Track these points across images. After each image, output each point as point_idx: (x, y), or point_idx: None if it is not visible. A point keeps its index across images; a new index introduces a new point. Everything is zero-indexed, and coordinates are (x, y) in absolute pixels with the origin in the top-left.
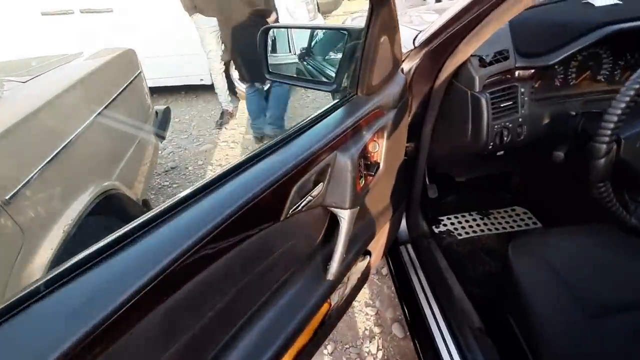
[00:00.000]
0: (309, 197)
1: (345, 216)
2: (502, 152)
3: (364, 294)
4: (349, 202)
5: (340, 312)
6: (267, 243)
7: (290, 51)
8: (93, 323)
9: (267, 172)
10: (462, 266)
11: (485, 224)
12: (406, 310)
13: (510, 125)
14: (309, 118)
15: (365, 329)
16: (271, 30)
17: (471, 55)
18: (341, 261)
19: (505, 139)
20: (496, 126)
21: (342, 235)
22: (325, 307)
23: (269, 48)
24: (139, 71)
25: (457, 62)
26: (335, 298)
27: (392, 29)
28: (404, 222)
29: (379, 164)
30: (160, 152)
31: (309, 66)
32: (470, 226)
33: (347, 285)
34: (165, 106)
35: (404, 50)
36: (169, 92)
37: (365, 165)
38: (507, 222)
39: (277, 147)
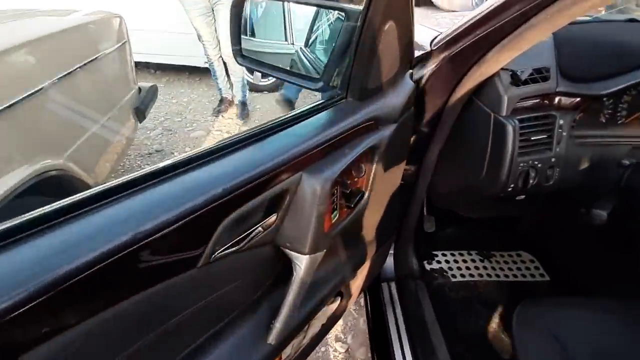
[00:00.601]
0: (257, 230)
1: (301, 263)
2: (522, 197)
3: (337, 325)
4: (309, 245)
5: None
6: (180, 294)
7: (286, 39)
8: None
9: (178, 194)
10: (451, 317)
11: (484, 267)
12: (376, 358)
13: (539, 165)
14: (275, 120)
15: None
16: (247, 3)
17: (502, 69)
18: (288, 321)
19: (530, 181)
20: (522, 164)
21: (293, 288)
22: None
23: (243, 26)
24: (124, 41)
25: (483, 75)
26: (288, 351)
27: (403, 14)
28: (390, 256)
29: (363, 193)
30: (149, 132)
31: (306, 59)
32: (468, 267)
33: (307, 333)
34: (151, 84)
35: (417, 52)
36: (174, 71)
37: (344, 194)
38: (510, 269)
39: (212, 157)
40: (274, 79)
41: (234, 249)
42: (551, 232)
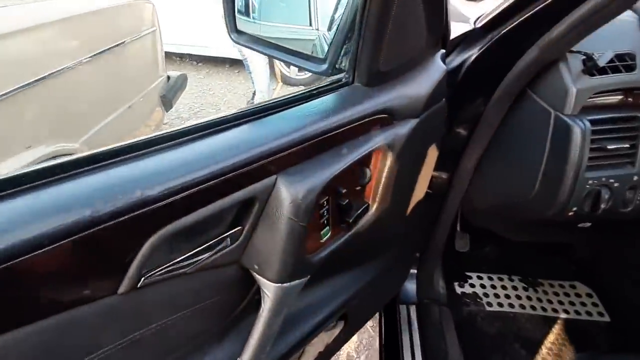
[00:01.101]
0: (218, 247)
1: (269, 292)
2: (587, 224)
3: (350, 342)
4: (278, 272)
5: None
6: (94, 326)
7: (310, 24)
8: None
9: (80, 196)
10: (479, 354)
11: (528, 298)
12: None
13: (616, 184)
14: (253, 105)
15: None
16: None
17: (570, 52)
18: (258, 358)
19: (602, 205)
20: (591, 181)
21: (260, 322)
22: None
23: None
24: (154, 28)
25: (542, 60)
26: None
27: None
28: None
29: (367, 205)
30: (182, 122)
31: (313, 36)
32: (507, 296)
33: None
34: (181, 72)
35: (455, 31)
36: (214, 63)
37: (339, 206)
38: (561, 302)
39: (148, 150)
40: (310, 73)
41: (178, 271)
42: (617, 262)
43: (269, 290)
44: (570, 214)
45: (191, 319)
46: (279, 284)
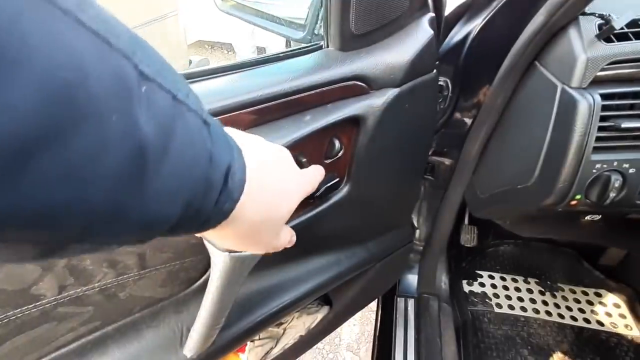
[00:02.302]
0: None
1: (217, 261)
2: (597, 217)
3: (350, 332)
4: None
5: None
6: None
7: None
8: None
9: None
10: (482, 359)
11: (544, 302)
12: None
13: (631, 169)
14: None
15: None
16: None
17: (583, 14)
18: (210, 332)
19: (611, 193)
20: (598, 164)
21: (209, 291)
22: None
23: None
24: (175, 12)
25: (549, 27)
26: (251, 356)
27: None
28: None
29: (337, 180)
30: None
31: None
32: (520, 298)
33: (278, 341)
34: (203, 57)
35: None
36: None
37: None
38: (582, 311)
39: None
40: None
41: None
42: None
43: (217, 258)
44: (573, 202)
45: (147, 281)
46: (227, 253)
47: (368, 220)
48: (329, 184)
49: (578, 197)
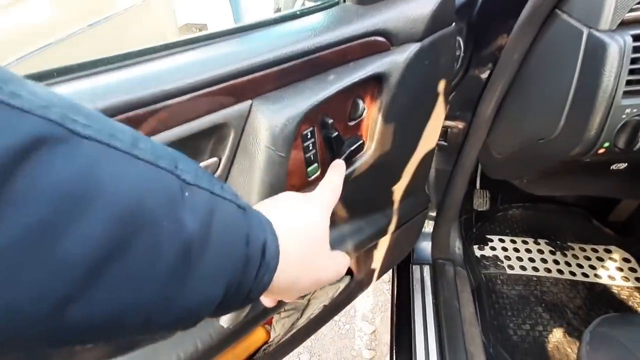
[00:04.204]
0: None
1: None
2: (622, 166)
3: (365, 303)
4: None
5: (285, 348)
6: None
7: None
8: None
9: None
10: (497, 316)
11: (556, 262)
12: (394, 355)
13: None
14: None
15: (353, 349)
16: None
17: None
18: None
19: (639, 139)
20: (628, 109)
21: None
22: (259, 338)
23: None
24: None
25: None
26: (278, 327)
27: None
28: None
29: (361, 142)
30: None
31: None
32: (532, 259)
33: (303, 313)
34: None
35: None
36: None
37: (328, 140)
38: (593, 267)
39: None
40: None
41: None
42: None
43: None
44: (601, 151)
45: None
46: None
47: (389, 185)
48: (353, 147)
49: (606, 144)
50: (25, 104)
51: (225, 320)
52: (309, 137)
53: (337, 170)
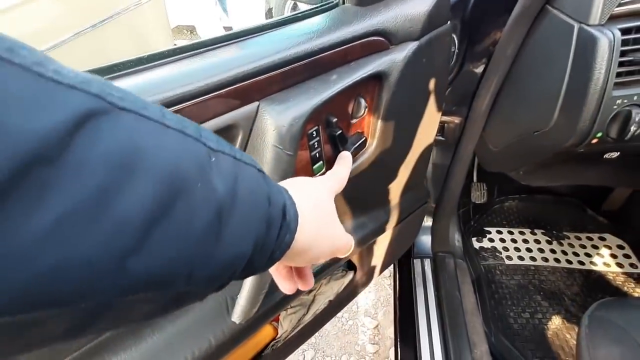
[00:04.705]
0: None
1: None
2: (615, 155)
3: (367, 299)
4: None
5: (292, 344)
6: None
7: None
8: None
9: None
10: (497, 306)
11: (552, 251)
12: (399, 348)
13: None
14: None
15: (357, 344)
16: None
17: None
18: (255, 299)
19: (632, 128)
20: (619, 100)
21: None
22: (267, 334)
23: None
24: None
25: None
26: (285, 323)
27: None
28: (426, 226)
29: (364, 138)
30: None
31: None
32: (529, 249)
33: (309, 309)
34: (187, 41)
35: None
36: None
37: (332, 138)
38: (589, 255)
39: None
40: None
41: None
42: None
43: None
44: (594, 141)
45: None
46: None
47: (389, 181)
48: (357, 144)
49: (599, 134)
50: (70, 80)
51: (238, 316)
52: (314, 135)
53: (344, 162)
